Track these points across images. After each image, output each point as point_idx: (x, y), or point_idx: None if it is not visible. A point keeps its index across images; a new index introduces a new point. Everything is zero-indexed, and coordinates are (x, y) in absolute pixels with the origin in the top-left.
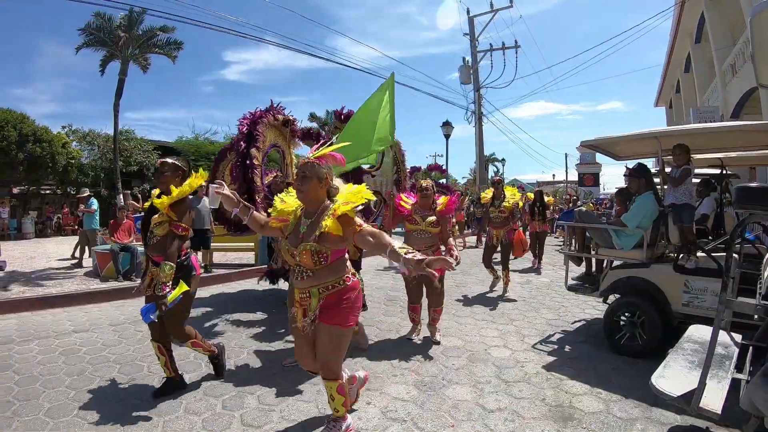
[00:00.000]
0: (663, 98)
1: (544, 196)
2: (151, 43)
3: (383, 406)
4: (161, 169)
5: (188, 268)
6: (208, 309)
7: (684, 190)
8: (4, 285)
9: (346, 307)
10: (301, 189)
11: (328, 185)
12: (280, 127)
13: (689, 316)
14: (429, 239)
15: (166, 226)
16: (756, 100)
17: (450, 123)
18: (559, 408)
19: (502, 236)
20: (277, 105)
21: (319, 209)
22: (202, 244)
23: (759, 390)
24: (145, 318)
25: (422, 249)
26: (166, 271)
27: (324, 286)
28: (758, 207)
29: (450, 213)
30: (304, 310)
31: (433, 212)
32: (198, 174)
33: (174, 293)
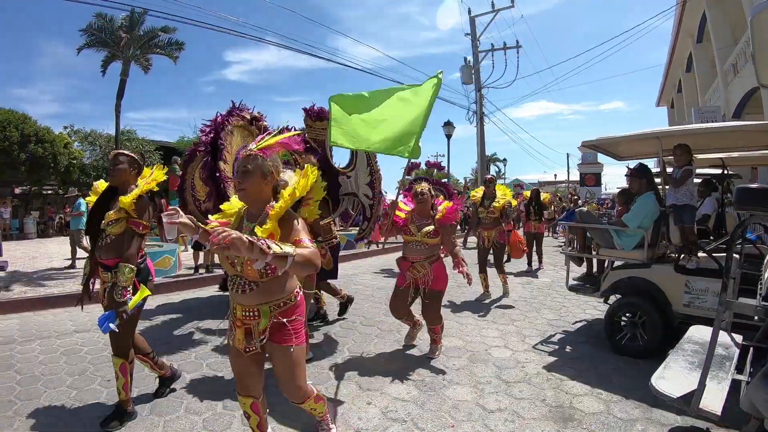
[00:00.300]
0: (665, 98)
1: (541, 193)
2: (153, 44)
3: (383, 406)
4: (116, 161)
5: (146, 272)
6: (198, 311)
7: (685, 191)
8: (6, 285)
9: (298, 322)
10: (242, 186)
11: (274, 181)
12: (248, 127)
13: (690, 316)
14: (426, 251)
15: (124, 224)
16: (758, 99)
17: (451, 123)
18: (560, 409)
19: (493, 238)
20: (239, 104)
21: (265, 210)
22: (203, 244)
23: (759, 391)
24: (103, 328)
25: (419, 260)
26: (126, 274)
27: (275, 304)
28: (759, 208)
29: (451, 221)
30: (248, 329)
31: (431, 220)
32: (161, 169)
33: (135, 299)
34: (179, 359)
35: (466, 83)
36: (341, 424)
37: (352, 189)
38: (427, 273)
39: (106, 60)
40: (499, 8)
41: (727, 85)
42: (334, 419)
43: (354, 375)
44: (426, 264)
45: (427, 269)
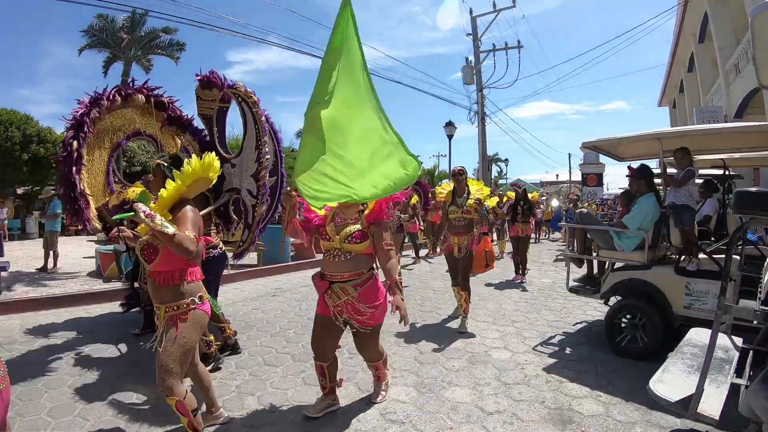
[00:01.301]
0: (666, 98)
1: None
2: (154, 45)
3: (382, 407)
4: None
5: None
6: None
7: (685, 191)
8: (8, 285)
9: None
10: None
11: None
12: (152, 111)
13: (691, 318)
14: (349, 264)
15: None
16: (759, 99)
17: (453, 123)
18: (559, 411)
19: (465, 246)
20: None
21: None
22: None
23: (758, 395)
24: None
25: (339, 280)
26: None
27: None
28: (758, 212)
29: (383, 217)
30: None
31: (357, 218)
32: None
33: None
34: None
35: (467, 83)
36: (340, 426)
37: (235, 183)
38: (351, 301)
39: (107, 61)
40: (501, 8)
41: (728, 85)
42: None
43: (353, 376)
44: (349, 288)
45: (352, 295)
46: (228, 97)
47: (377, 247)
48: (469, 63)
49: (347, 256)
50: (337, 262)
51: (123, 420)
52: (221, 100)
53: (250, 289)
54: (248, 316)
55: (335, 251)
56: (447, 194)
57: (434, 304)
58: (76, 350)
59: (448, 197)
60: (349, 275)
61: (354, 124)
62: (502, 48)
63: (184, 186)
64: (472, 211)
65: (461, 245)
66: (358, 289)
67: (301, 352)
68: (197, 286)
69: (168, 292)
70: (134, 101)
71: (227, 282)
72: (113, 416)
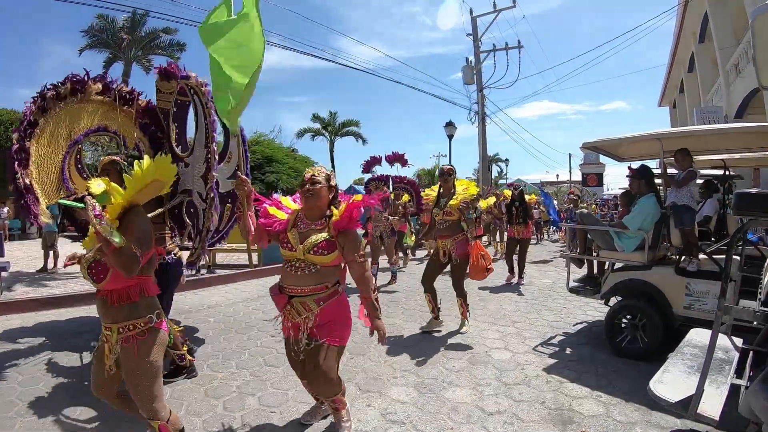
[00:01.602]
0: (666, 98)
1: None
2: (154, 45)
3: (383, 408)
4: None
5: None
6: None
7: (686, 192)
8: (8, 285)
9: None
10: None
11: None
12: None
13: (691, 319)
14: (313, 277)
15: None
16: (760, 100)
17: (453, 123)
18: (559, 411)
19: (449, 249)
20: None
21: None
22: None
23: (758, 396)
24: None
25: (301, 294)
26: None
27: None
28: (758, 214)
29: (351, 225)
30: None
31: (324, 224)
32: None
33: None
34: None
35: (467, 83)
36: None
37: (188, 184)
38: (313, 317)
39: (107, 61)
40: (501, 8)
41: (729, 85)
42: None
43: (353, 376)
44: (310, 302)
45: (313, 311)
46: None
47: (348, 260)
48: (470, 63)
49: (311, 269)
50: (299, 275)
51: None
52: (179, 92)
53: (250, 289)
54: (249, 316)
55: (297, 262)
56: (434, 196)
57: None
58: (77, 351)
59: (433, 199)
60: (311, 289)
61: None
62: (502, 48)
63: (133, 191)
64: (453, 213)
65: (445, 248)
66: (320, 304)
67: None
68: (154, 302)
69: (122, 311)
70: (89, 93)
71: (228, 282)
72: (115, 417)
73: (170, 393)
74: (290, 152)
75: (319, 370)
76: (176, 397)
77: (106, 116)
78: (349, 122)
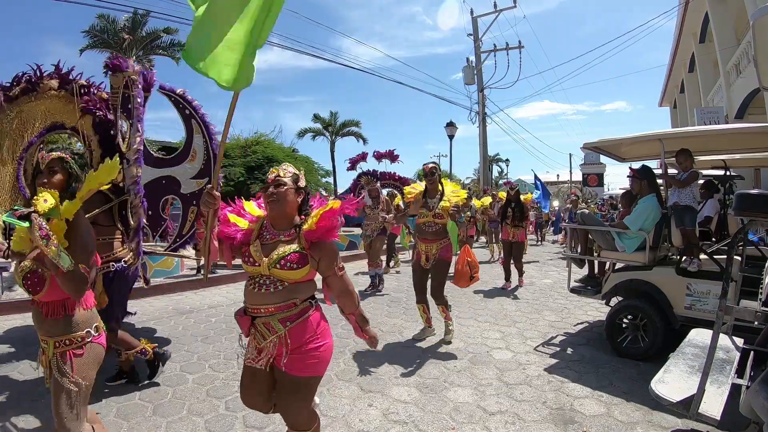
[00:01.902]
0: (667, 98)
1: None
2: (155, 45)
3: (385, 408)
4: None
5: None
6: None
7: (688, 192)
8: (9, 286)
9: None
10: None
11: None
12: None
13: (691, 319)
14: (280, 294)
15: None
16: (761, 100)
17: (454, 123)
18: (560, 411)
19: (434, 254)
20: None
21: None
22: None
23: (758, 396)
24: None
25: (268, 314)
26: None
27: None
28: (759, 214)
29: (330, 236)
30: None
31: (294, 234)
32: None
33: None
34: (182, 359)
35: (468, 84)
36: (342, 426)
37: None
38: (278, 340)
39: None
40: (502, 8)
41: (729, 85)
42: None
43: (355, 376)
44: (274, 323)
45: (279, 332)
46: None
47: (326, 275)
48: (470, 63)
49: (278, 286)
50: (263, 294)
51: (126, 421)
52: (125, 86)
53: None
54: None
55: (261, 278)
56: (416, 195)
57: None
58: None
59: (417, 198)
60: (276, 308)
61: None
62: (503, 48)
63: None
64: (445, 216)
65: (429, 253)
66: (287, 324)
67: None
68: (92, 315)
69: (57, 324)
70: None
71: (229, 282)
72: (116, 417)
73: (172, 394)
74: (291, 152)
75: (292, 406)
76: (178, 398)
77: (63, 112)
78: (350, 122)
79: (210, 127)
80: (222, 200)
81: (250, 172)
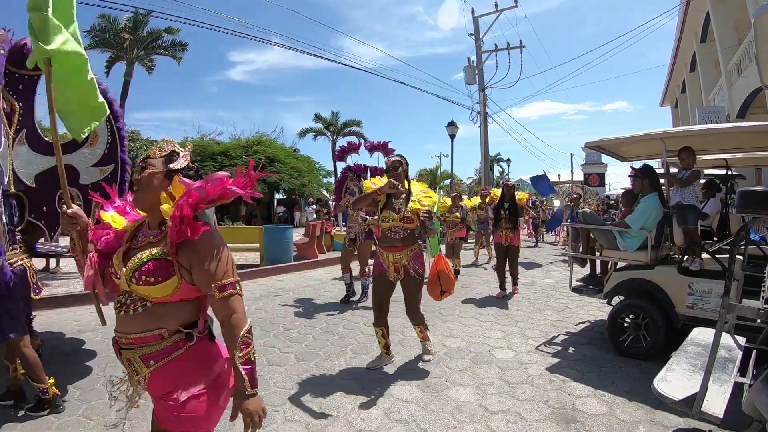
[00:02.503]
0: (668, 98)
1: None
2: (156, 45)
3: (386, 407)
4: None
5: None
6: None
7: (691, 191)
8: None
9: None
10: None
11: None
12: None
13: (693, 318)
14: (144, 319)
15: None
16: (762, 99)
17: (455, 123)
18: (562, 410)
19: (404, 264)
20: None
21: None
22: None
23: (761, 394)
24: None
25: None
26: None
27: None
28: (761, 211)
29: (194, 232)
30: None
31: (159, 238)
32: None
33: None
34: None
35: (469, 83)
36: (344, 425)
37: None
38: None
39: (109, 61)
40: (503, 8)
41: (731, 85)
42: None
43: (357, 376)
44: (135, 360)
45: (142, 373)
46: None
47: (205, 292)
48: (471, 63)
49: (141, 306)
50: (123, 317)
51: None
52: None
53: (252, 289)
54: (251, 315)
55: (124, 296)
56: None
57: (437, 303)
58: (79, 350)
59: (381, 196)
60: (137, 339)
61: None
62: (504, 48)
63: None
64: (414, 219)
65: (399, 264)
66: (150, 364)
67: (304, 351)
68: None
69: None
70: None
71: None
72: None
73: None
74: (292, 152)
75: None
76: None
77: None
78: (351, 122)
79: (114, 106)
80: None
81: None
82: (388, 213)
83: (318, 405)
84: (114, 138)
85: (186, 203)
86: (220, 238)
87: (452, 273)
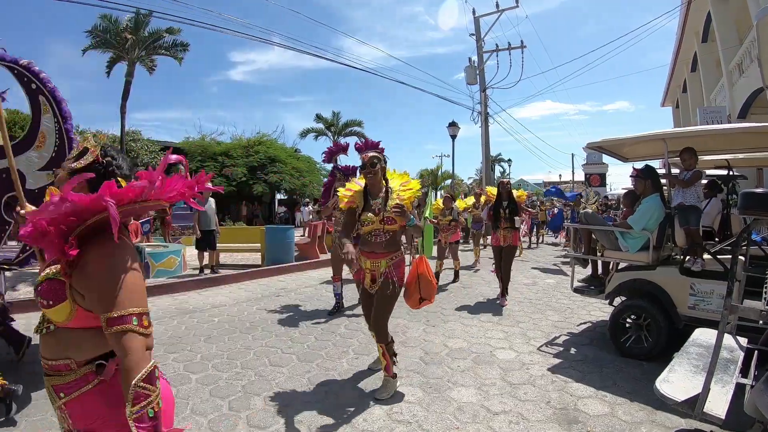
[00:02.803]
0: (670, 98)
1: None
2: (157, 45)
3: (388, 407)
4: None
5: None
6: None
7: (693, 192)
8: (13, 285)
9: None
10: None
11: None
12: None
13: (695, 319)
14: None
15: None
16: (763, 99)
17: (456, 123)
18: (564, 411)
19: (382, 272)
20: None
21: None
22: (208, 244)
23: (763, 395)
24: None
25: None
26: None
27: None
28: (764, 213)
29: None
30: None
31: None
32: None
33: None
34: (185, 359)
35: (470, 83)
36: (346, 426)
37: None
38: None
39: (111, 61)
40: (504, 8)
41: (732, 85)
42: None
43: (359, 376)
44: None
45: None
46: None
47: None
48: (472, 63)
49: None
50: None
51: None
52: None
53: (254, 289)
54: (253, 316)
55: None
56: (355, 195)
57: (438, 304)
58: None
59: (357, 200)
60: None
61: None
62: (505, 48)
63: None
64: (396, 220)
65: (376, 272)
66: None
67: (306, 352)
68: None
69: None
70: None
71: (232, 282)
72: None
73: (175, 393)
74: (293, 152)
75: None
76: (182, 397)
77: None
78: (353, 122)
79: (63, 105)
80: None
81: (253, 172)
82: (366, 215)
83: (320, 406)
84: (62, 140)
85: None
86: (123, 259)
87: (434, 278)
